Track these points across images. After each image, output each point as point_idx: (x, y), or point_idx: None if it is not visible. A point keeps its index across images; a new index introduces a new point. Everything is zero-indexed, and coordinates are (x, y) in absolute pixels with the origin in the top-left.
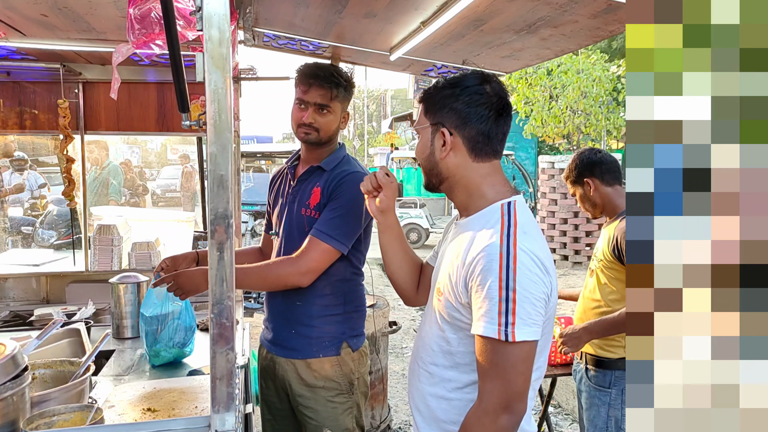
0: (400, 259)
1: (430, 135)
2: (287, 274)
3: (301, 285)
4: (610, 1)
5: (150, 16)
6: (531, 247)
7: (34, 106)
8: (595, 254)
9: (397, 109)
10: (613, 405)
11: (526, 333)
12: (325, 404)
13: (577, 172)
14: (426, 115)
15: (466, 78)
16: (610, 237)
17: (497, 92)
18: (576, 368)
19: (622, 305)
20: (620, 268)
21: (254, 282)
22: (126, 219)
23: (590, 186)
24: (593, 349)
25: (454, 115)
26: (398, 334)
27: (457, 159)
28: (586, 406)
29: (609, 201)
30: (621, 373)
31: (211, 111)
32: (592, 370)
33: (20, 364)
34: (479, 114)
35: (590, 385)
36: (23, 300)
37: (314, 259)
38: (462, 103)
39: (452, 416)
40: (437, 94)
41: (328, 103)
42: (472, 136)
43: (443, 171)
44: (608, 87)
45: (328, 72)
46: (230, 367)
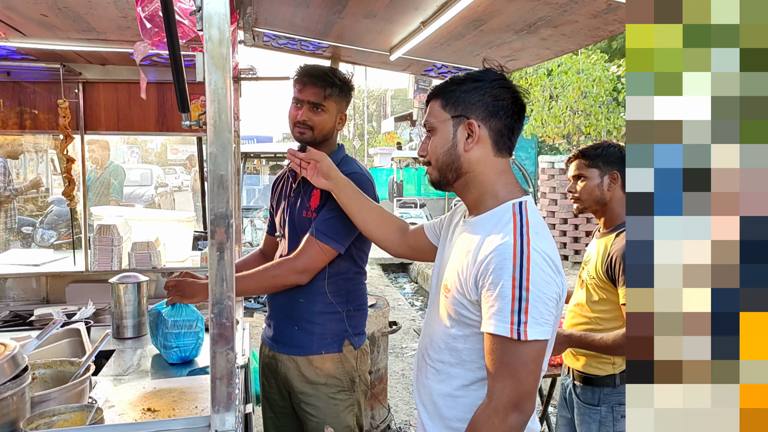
0: (364, 214)
1: (451, 128)
2: (284, 274)
3: (299, 284)
4: (610, 1)
5: (159, 15)
6: (543, 248)
7: (34, 106)
8: (586, 264)
9: (397, 109)
10: (603, 422)
11: (538, 332)
12: (327, 401)
13: (607, 159)
14: (444, 108)
15: (488, 73)
16: (605, 254)
17: (517, 90)
18: (563, 382)
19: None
20: (612, 289)
21: (254, 287)
22: (126, 219)
23: (613, 180)
24: (580, 365)
25: (481, 108)
26: (398, 334)
27: (480, 152)
28: (578, 421)
29: (615, 206)
30: (610, 390)
31: (211, 111)
32: (580, 387)
33: (20, 364)
34: (506, 107)
35: (579, 402)
36: (23, 300)
37: (311, 258)
38: (490, 96)
39: (458, 413)
40: (458, 88)
41: (322, 101)
42: (498, 128)
43: (464, 165)
44: (608, 87)
45: (323, 72)
46: (230, 367)
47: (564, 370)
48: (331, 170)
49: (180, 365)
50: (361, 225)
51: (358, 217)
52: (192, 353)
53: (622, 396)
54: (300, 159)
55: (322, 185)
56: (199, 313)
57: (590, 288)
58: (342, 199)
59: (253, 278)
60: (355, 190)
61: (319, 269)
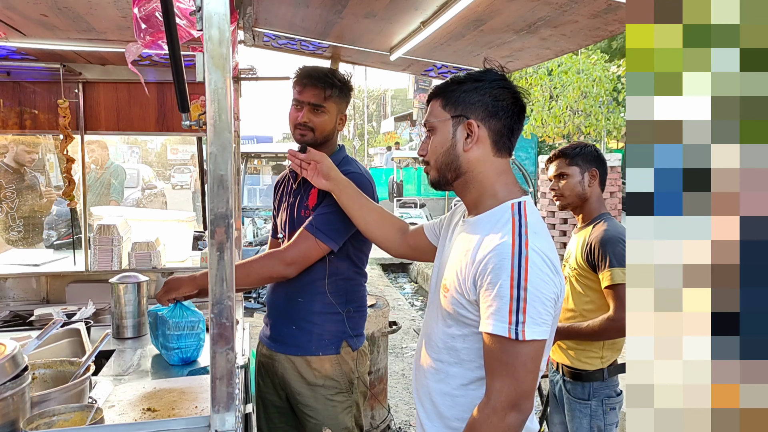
0: (364, 214)
1: (451, 128)
2: (271, 265)
3: (287, 276)
4: (610, 1)
5: (155, 16)
6: (542, 248)
7: (34, 106)
8: (567, 260)
9: (397, 109)
10: (594, 416)
11: (536, 332)
12: (325, 403)
13: (586, 157)
14: (445, 108)
15: (489, 74)
16: (584, 243)
17: (517, 91)
18: (553, 378)
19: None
20: (593, 277)
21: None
22: (126, 219)
23: (592, 177)
24: (569, 360)
25: (481, 108)
26: (398, 334)
27: (479, 152)
28: (568, 417)
29: (593, 201)
30: (599, 384)
31: (211, 111)
32: (570, 383)
33: (20, 364)
34: (506, 108)
35: (569, 397)
36: (23, 300)
37: (300, 250)
38: (490, 97)
39: (456, 413)
40: (458, 88)
41: (323, 102)
42: (498, 129)
43: (463, 164)
44: (608, 87)
45: (323, 73)
46: (230, 367)
47: (552, 366)
48: (331, 171)
49: (180, 366)
50: (362, 225)
51: (359, 217)
52: (193, 354)
53: (610, 389)
54: (300, 160)
55: (323, 186)
56: (201, 313)
57: (573, 281)
58: (342, 200)
59: (241, 269)
60: (356, 190)
61: (308, 263)
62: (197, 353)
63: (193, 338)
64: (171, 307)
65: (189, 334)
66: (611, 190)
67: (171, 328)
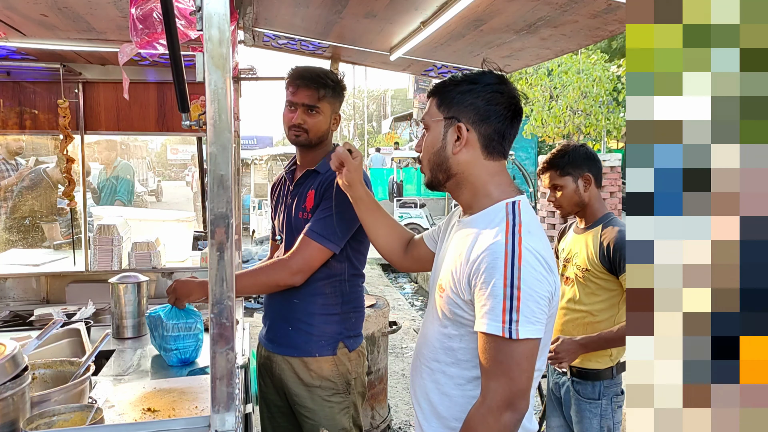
0: (377, 227)
1: (442, 129)
2: (279, 275)
3: (294, 284)
4: (610, 1)
5: (152, 16)
6: (536, 247)
7: (34, 106)
8: (571, 261)
9: (397, 109)
10: (604, 415)
11: (530, 331)
12: (322, 404)
13: (575, 163)
14: (439, 108)
15: (485, 76)
16: (595, 244)
17: (514, 94)
18: (558, 380)
19: (609, 314)
20: (609, 278)
21: (247, 286)
22: (126, 219)
23: (587, 182)
24: (579, 360)
25: (473, 111)
26: (398, 334)
27: (469, 155)
28: (576, 418)
29: (594, 203)
30: (609, 382)
31: (211, 111)
32: (579, 383)
33: (20, 364)
34: (498, 112)
35: (578, 398)
36: (23, 300)
37: (305, 258)
38: (483, 100)
39: (454, 413)
40: (454, 89)
41: (316, 103)
42: (488, 133)
43: (453, 166)
44: (608, 87)
45: (315, 73)
46: (230, 367)
47: (557, 367)
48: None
49: (180, 366)
50: (373, 238)
51: (372, 230)
52: (192, 355)
53: (618, 386)
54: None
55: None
56: (199, 313)
57: (581, 281)
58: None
59: (248, 278)
60: (373, 202)
61: (314, 269)
62: (196, 354)
63: (191, 339)
64: (168, 309)
65: (187, 335)
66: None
67: (169, 329)
